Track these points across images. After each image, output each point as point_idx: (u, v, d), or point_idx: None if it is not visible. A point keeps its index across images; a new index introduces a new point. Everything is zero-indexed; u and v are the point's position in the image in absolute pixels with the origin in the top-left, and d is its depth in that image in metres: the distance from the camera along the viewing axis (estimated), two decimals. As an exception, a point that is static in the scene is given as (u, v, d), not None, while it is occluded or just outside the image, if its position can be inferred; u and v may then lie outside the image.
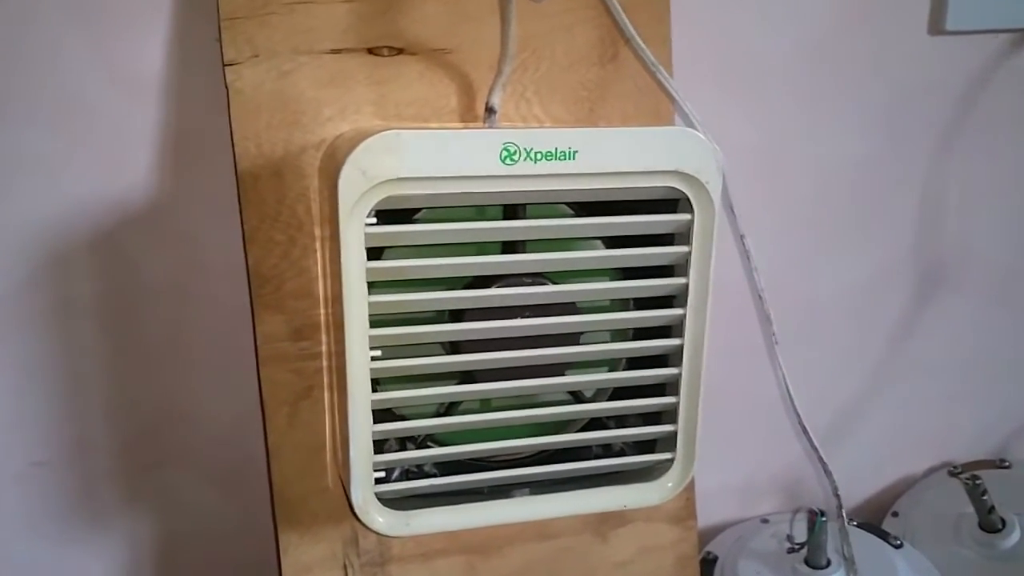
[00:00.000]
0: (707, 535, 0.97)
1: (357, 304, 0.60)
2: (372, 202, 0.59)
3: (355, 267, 0.59)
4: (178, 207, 0.78)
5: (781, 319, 0.79)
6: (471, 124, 0.73)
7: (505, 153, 0.59)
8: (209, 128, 0.76)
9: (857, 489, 1.04)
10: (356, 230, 0.59)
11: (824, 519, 0.86)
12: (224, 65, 0.69)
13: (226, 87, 0.70)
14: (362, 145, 0.57)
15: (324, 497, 0.75)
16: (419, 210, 0.65)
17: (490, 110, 0.69)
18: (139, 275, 0.79)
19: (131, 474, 0.83)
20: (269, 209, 0.72)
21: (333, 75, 0.71)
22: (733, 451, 0.99)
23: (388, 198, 0.59)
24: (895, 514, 1.02)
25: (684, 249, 0.66)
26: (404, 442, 0.69)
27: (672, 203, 0.67)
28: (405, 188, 0.59)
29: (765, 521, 0.99)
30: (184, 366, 0.82)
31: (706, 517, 0.95)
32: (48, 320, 0.77)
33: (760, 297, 0.75)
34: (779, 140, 0.90)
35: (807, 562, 0.87)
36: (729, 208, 0.74)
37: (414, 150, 0.58)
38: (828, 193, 0.93)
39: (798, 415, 0.78)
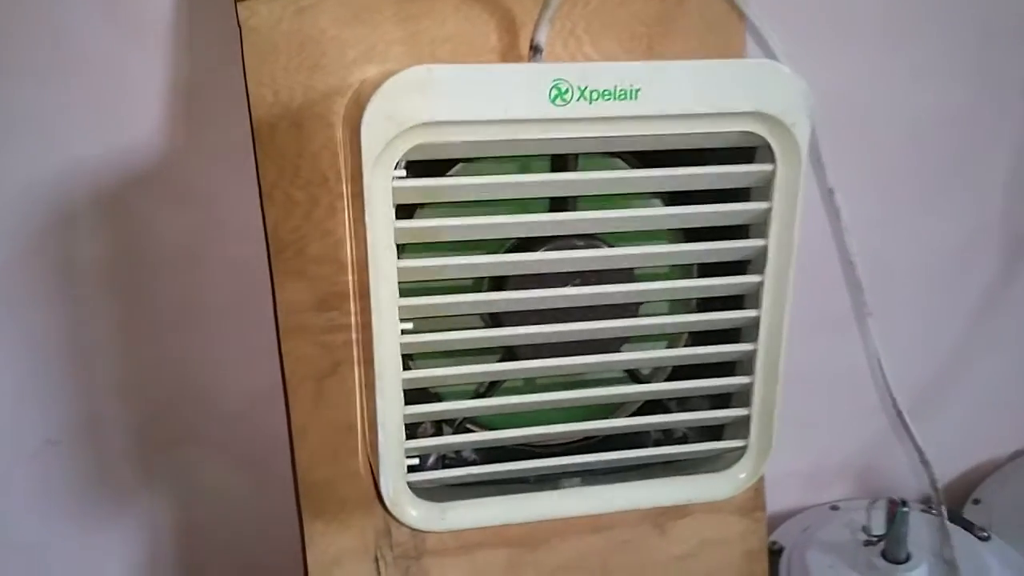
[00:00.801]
0: (770, 523, 0.87)
1: (385, 269, 0.52)
2: (400, 151, 0.50)
3: (382, 227, 0.51)
4: (190, 163, 0.71)
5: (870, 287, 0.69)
6: (515, 64, 0.64)
7: (556, 92, 0.51)
8: (223, 76, 0.69)
9: (920, 474, 0.94)
10: (382, 184, 0.51)
11: (906, 510, 0.77)
12: (236, 1, 0.61)
13: (239, 25, 0.62)
14: (387, 84, 0.48)
15: (354, 483, 0.68)
16: (455, 163, 0.57)
17: (535, 49, 0.60)
18: (149, 238, 0.72)
19: (148, 453, 0.78)
20: (288, 164, 0.64)
21: (357, 11, 0.63)
22: (800, 431, 0.87)
23: (419, 146, 0.51)
24: (976, 501, 0.94)
25: (763, 205, 0.57)
26: (440, 425, 0.61)
27: (748, 152, 0.57)
28: (438, 135, 0.50)
29: (835, 508, 0.92)
30: (201, 336, 0.76)
31: (769, 503, 0.86)
32: (54, 288, 0.72)
33: (851, 262, 0.66)
34: (867, 86, 0.79)
35: (884, 555, 0.79)
36: (816, 158, 0.64)
37: (448, 89, 0.49)
38: (918, 147, 0.83)
39: (892, 396, 0.69)
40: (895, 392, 0.72)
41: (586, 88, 0.51)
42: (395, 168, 0.52)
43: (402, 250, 0.54)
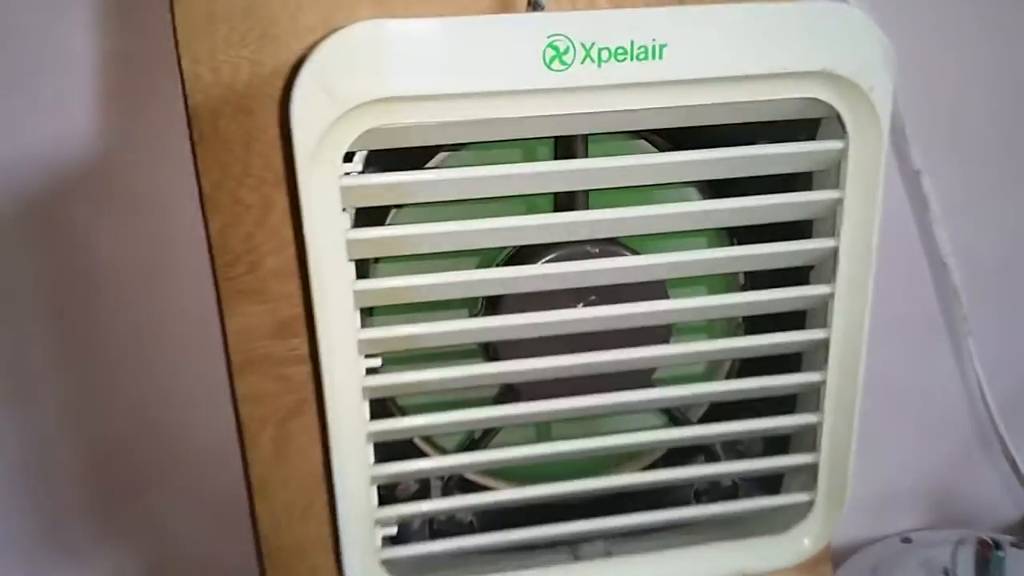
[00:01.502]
0: (832, 559, 0.76)
1: (335, 293, 0.40)
2: (347, 139, 0.38)
3: (328, 239, 0.39)
4: (131, 162, 0.60)
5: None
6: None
7: (552, 52, 0.38)
8: (164, 54, 0.57)
9: (1009, 500, 0.83)
10: (325, 182, 0.38)
11: (1002, 555, 0.63)
12: (161, -41, 0.49)
13: (167, -10, 0.50)
14: (323, 47, 0.36)
15: (328, 549, 0.55)
16: (436, 151, 0.44)
17: (535, 4, 0.47)
18: (91, 253, 0.62)
19: (105, 503, 0.69)
20: (235, 159, 0.52)
21: (314, -35, 0.50)
22: (866, 450, 0.80)
23: (372, 132, 0.38)
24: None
25: (832, 195, 0.44)
26: (427, 484, 0.48)
27: (810, 126, 0.44)
28: (396, 114, 0.38)
29: (907, 541, 0.80)
30: (157, 364, 0.66)
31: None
32: (-18, 314, 0.60)
33: (943, 264, 0.52)
34: (957, 45, 0.64)
35: (974, 608, 0.68)
36: (900, 132, 0.50)
37: (406, 53, 0.37)
38: (1013, 120, 0.67)
39: (987, 407, 0.55)
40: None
41: (592, 45, 0.38)
42: (344, 161, 0.39)
43: (375, 266, 0.42)
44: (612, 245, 0.46)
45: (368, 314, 0.48)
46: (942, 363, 0.69)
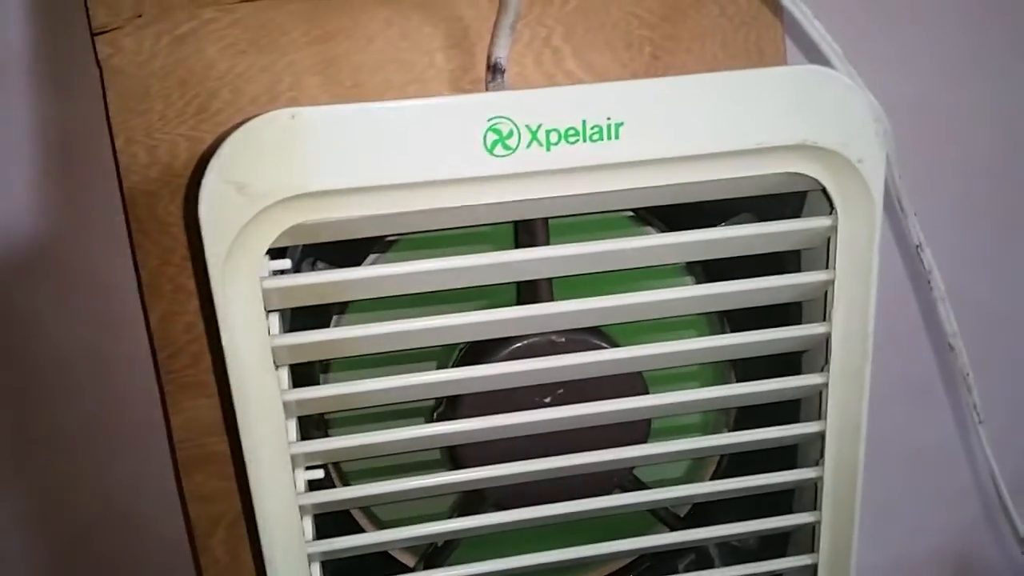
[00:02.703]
0: None
1: (261, 403, 0.35)
2: (268, 237, 0.34)
3: (250, 345, 0.35)
4: (75, 243, 0.56)
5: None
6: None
7: (494, 136, 0.34)
8: (104, 127, 0.53)
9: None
10: (244, 285, 0.34)
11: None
12: (93, 34, 0.46)
13: (98, 66, 0.47)
14: (232, 140, 0.32)
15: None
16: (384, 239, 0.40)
17: (495, 68, 0.43)
18: (38, 339, 0.57)
19: None
20: (176, 243, 0.48)
21: (255, 34, 0.47)
22: (879, 516, 0.76)
23: (297, 228, 0.34)
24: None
25: (820, 277, 0.39)
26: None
27: (795, 198, 0.39)
28: (322, 209, 0.34)
29: None
30: (114, 451, 0.62)
31: None
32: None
33: (950, 346, 0.47)
34: (950, 92, 0.59)
35: None
36: (897, 202, 0.45)
37: (326, 143, 0.33)
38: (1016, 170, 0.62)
39: (993, 473, 0.51)
40: (996, 469, 0.54)
41: (539, 127, 0.34)
42: (273, 257, 0.35)
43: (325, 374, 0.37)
44: (581, 334, 0.41)
45: (321, 421, 0.43)
46: (942, 420, 0.64)
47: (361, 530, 0.45)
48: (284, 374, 0.37)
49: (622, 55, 0.48)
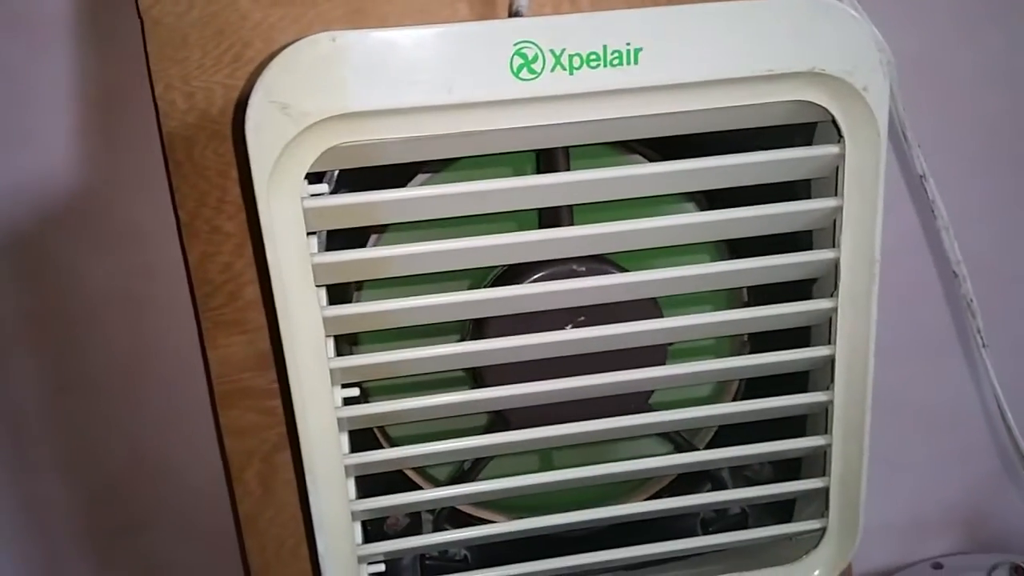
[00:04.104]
0: None
1: (303, 320, 0.38)
2: (308, 159, 0.37)
3: (293, 264, 0.37)
4: (112, 194, 0.59)
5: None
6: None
7: (520, 60, 0.36)
8: (144, 83, 0.55)
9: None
10: (287, 205, 0.36)
11: (1039, 580, 0.61)
12: (135, -13, 0.49)
13: (140, 17, 0.49)
14: (276, 63, 0.34)
15: (319, 587, 0.53)
16: (418, 170, 0.42)
17: (515, 13, 0.45)
18: (75, 288, 0.60)
19: (100, 541, 0.67)
20: (212, 186, 0.50)
21: (287, -14, 0.49)
22: (893, 474, 0.77)
23: (334, 150, 0.36)
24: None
25: (830, 204, 0.41)
26: (420, 516, 0.46)
27: (806, 130, 0.41)
28: (358, 131, 0.36)
29: (938, 567, 0.78)
30: (148, 401, 0.64)
31: (857, 562, 0.72)
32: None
33: (954, 273, 0.49)
34: (950, 47, 0.61)
35: (1009, 634, 0.64)
36: (901, 133, 0.47)
37: (363, 65, 0.35)
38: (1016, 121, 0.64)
39: (1008, 427, 0.52)
40: (1013, 423, 0.55)
41: (563, 52, 0.36)
42: (312, 182, 0.37)
43: (359, 293, 0.40)
44: (600, 264, 0.44)
45: (353, 343, 0.46)
46: (959, 380, 0.66)
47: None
48: (323, 293, 0.39)
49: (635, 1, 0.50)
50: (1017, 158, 0.65)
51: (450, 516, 0.48)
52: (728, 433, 0.48)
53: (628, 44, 0.36)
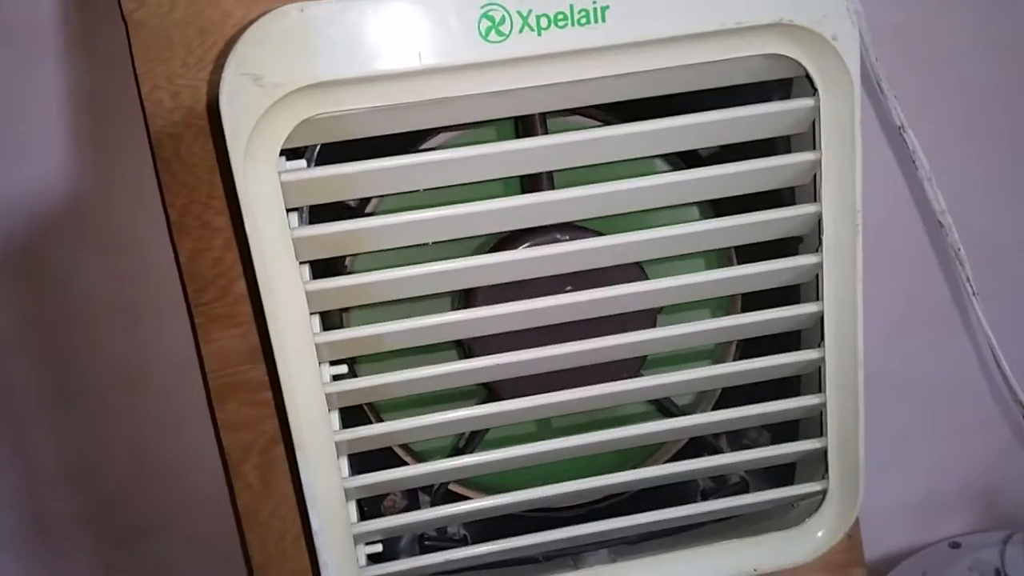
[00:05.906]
0: (877, 570, 0.74)
1: (285, 296, 0.38)
2: (283, 131, 0.37)
3: (273, 240, 0.37)
4: (107, 201, 0.59)
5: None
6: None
7: (487, 23, 0.36)
8: (131, 86, 0.56)
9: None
10: (264, 179, 0.37)
11: (1053, 551, 0.60)
12: (118, -9, 0.50)
13: (123, 19, 0.50)
14: (249, 34, 0.35)
15: (322, 577, 0.53)
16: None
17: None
18: (70, 295, 0.60)
19: (106, 549, 0.67)
20: (200, 182, 0.51)
21: (267, -18, 0.50)
22: (903, 453, 0.76)
23: (309, 122, 0.37)
24: None
25: (808, 157, 0.41)
26: (416, 493, 0.46)
27: (781, 89, 0.42)
28: (331, 101, 0.36)
29: (955, 546, 0.76)
30: (148, 405, 0.64)
31: (872, 545, 0.72)
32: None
33: (940, 224, 0.48)
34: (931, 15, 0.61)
35: (1026, 604, 0.64)
36: (876, 84, 0.47)
37: (332, 35, 0.35)
38: (1003, 82, 0.64)
39: (1016, 397, 0.51)
40: (1020, 393, 0.54)
41: (529, 13, 0.36)
42: (289, 159, 0.38)
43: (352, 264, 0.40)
44: (583, 232, 0.44)
45: (341, 320, 0.46)
46: (961, 345, 0.65)
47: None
48: (306, 270, 0.39)
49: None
50: (1005, 124, 0.65)
51: (446, 498, 0.48)
52: (726, 405, 0.48)
53: (595, 2, 0.37)
